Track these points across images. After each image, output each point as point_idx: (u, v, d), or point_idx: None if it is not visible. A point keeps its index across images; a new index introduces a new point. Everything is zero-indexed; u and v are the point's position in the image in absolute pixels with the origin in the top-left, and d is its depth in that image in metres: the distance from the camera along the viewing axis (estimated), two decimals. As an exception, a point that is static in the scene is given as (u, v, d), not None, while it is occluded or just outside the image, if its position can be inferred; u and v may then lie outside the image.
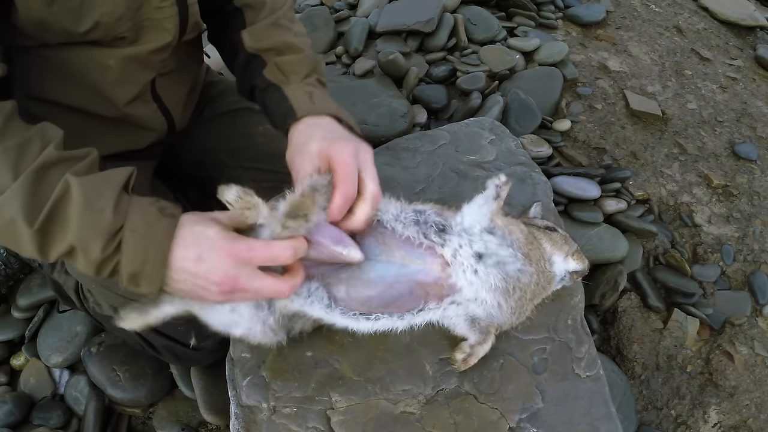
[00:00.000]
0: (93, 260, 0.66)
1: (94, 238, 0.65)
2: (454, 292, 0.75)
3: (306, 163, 0.76)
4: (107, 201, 0.66)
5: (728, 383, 1.24)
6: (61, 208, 0.65)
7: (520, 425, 0.74)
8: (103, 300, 1.01)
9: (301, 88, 0.87)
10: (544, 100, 1.65)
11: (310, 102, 0.85)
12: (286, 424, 0.74)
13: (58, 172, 0.66)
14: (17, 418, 1.15)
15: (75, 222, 0.65)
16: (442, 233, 0.75)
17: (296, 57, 0.91)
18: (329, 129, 0.81)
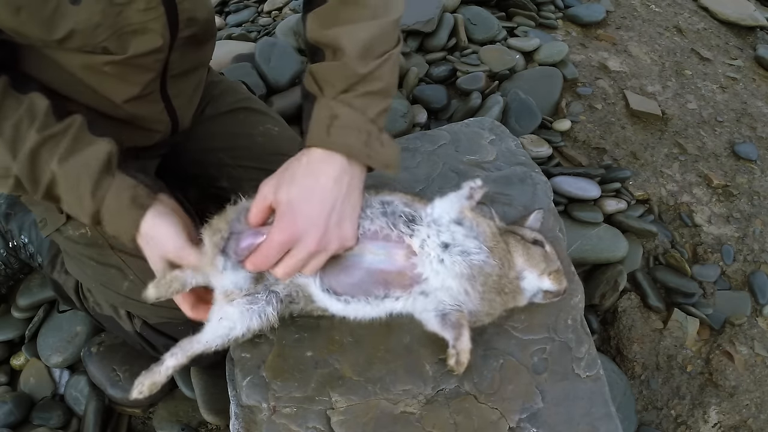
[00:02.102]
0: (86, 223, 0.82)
1: (80, 216, 0.79)
2: (419, 282, 0.75)
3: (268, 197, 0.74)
4: (85, 188, 0.76)
5: (728, 383, 1.24)
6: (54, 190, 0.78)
7: (520, 425, 0.74)
8: (102, 300, 1.01)
9: (329, 108, 0.74)
10: (544, 100, 1.65)
11: (325, 132, 0.73)
12: (286, 424, 0.74)
13: (46, 153, 0.75)
14: (17, 418, 1.14)
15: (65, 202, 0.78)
16: (411, 224, 0.76)
17: (337, 65, 0.75)
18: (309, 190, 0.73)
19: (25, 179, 0.76)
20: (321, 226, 0.71)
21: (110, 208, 0.77)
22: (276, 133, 1.14)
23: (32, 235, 1.20)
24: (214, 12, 2.03)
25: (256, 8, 2.08)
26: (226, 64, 1.69)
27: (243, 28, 1.92)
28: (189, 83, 0.97)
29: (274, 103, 1.55)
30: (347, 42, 0.74)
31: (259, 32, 1.90)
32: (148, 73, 0.85)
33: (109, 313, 1.02)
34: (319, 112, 0.74)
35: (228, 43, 1.81)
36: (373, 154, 0.74)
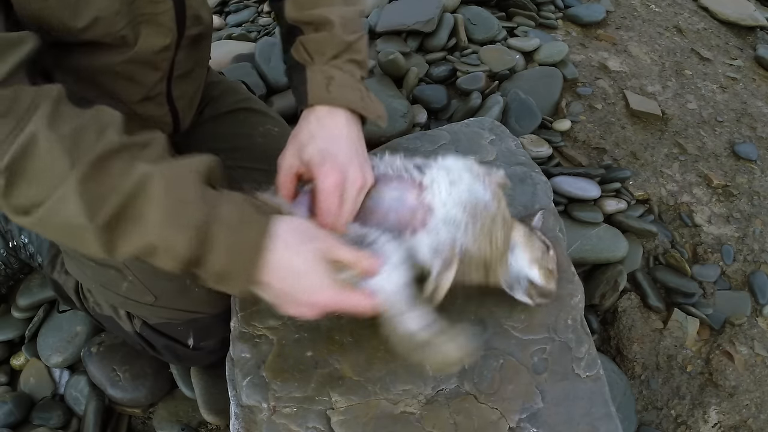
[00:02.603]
0: (177, 257, 0.60)
1: (180, 232, 0.58)
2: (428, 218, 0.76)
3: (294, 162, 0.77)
4: (192, 191, 0.60)
5: (728, 383, 1.24)
6: (134, 201, 0.58)
7: (520, 425, 0.74)
8: (102, 300, 1.01)
9: (322, 72, 0.81)
10: (544, 100, 1.65)
11: (325, 90, 0.79)
12: (286, 424, 0.74)
13: (123, 160, 0.59)
14: (17, 418, 1.14)
15: (154, 216, 0.58)
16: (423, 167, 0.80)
17: (325, 35, 0.82)
18: (331, 137, 0.77)
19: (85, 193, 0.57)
20: (355, 160, 0.77)
21: (230, 218, 0.61)
22: (276, 133, 1.14)
23: (32, 235, 1.20)
24: (214, 13, 2.03)
25: (256, 8, 2.08)
26: (226, 64, 1.69)
27: (243, 28, 1.92)
28: (191, 84, 0.97)
29: (274, 103, 1.55)
30: (333, 16, 0.82)
31: (259, 32, 1.90)
32: (156, 72, 0.85)
33: (108, 313, 1.02)
34: (314, 76, 0.80)
35: (228, 43, 1.81)
36: (368, 107, 0.81)
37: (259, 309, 0.85)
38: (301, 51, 0.83)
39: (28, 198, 0.58)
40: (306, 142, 0.77)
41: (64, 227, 0.59)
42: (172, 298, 0.94)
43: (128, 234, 0.59)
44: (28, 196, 0.58)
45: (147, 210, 0.58)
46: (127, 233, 0.59)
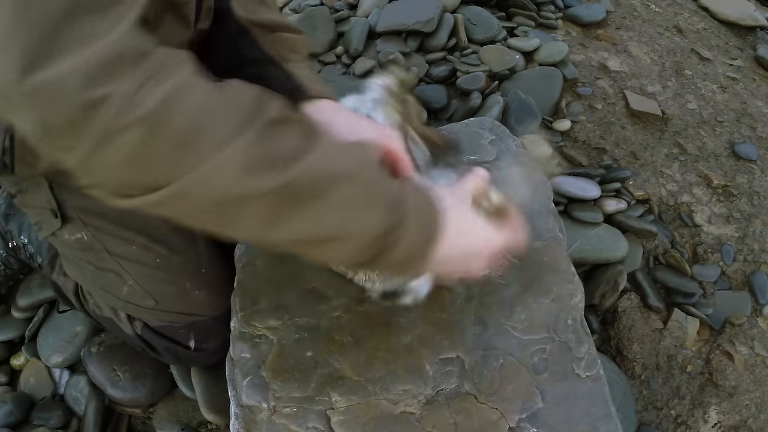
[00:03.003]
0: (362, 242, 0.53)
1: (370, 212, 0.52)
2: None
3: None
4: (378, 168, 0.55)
5: (728, 383, 1.24)
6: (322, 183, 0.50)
7: (520, 425, 0.74)
8: (103, 302, 1.01)
9: (306, 68, 0.82)
10: (544, 100, 1.64)
11: (320, 84, 0.79)
12: (286, 424, 0.74)
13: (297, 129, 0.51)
14: (17, 418, 1.14)
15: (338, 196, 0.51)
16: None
17: (296, 36, 0.85)
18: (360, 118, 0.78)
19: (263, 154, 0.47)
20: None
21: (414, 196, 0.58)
22: None
23: (32, 236, 1.20)
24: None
25: (256, 8, 2.08)
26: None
27: (243, 28, 1.92)
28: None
29: (274, 103, 1.55)
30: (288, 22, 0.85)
31: (259, 32, 1.90)
32: None
33: (109, 315, 1.01)
34: (301, 71, 0.80)
35: (228, 43, 1.81)
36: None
37: (259, 309, 0.85)
38: (278, 46, 0.82)
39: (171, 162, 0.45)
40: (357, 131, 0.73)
41: (216, 199, 0.47)
42: (172, 301, 0.94)
43: (304, 211, 0.50)
44: (172, 160, 0.45)
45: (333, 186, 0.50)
46: (302, 209, 0.50)
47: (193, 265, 0.94)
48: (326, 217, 0.51)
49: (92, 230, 0.90)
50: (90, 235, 0.91)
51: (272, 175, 0.47)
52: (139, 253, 0.91)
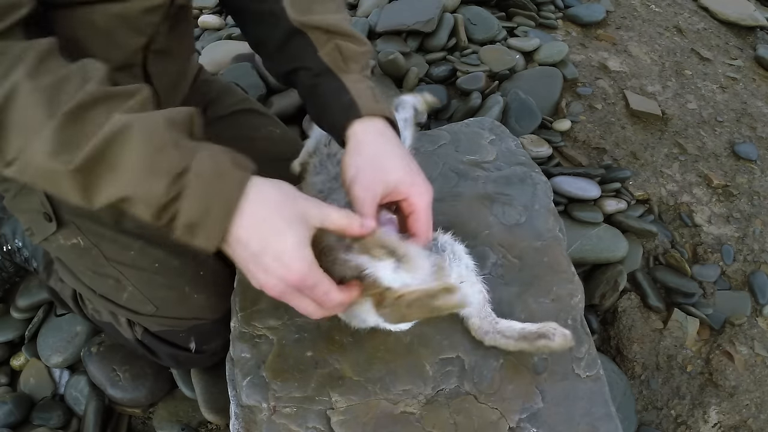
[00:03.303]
0: (152, 204, 0.59)
1: (155, 179, 0.58)
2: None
3: (379, 187, 0.72)
4: (168, 137, 0.59)
5: (728, 383, 1.24)
6: (110, 149, 0.57)
7: (520, 425, 0.74)
8: (102, 307, 1.00)
9: (362, 81, 0.79)
10: (544, 100, 1.64)
11: (373, 100, 0.77)
12: (286, 424, 0.74)
13: (103, 109, 0.59)
14: (17, 418, 1.14)
15: (129, 162, 0.58)
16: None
17: (356, 44, 0.81)
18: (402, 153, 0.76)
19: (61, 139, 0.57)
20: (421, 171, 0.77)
21: (203, 167, 0.59)
22: (277, 136, 1.13)
23: (26, 240, 1.19)
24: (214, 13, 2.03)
25: (256, 8, 2.07)
26: (226, 64, 1.69)
27: (243, 28, 1.92)
28: (171, 64, 0.92)
29: (273, 104, 1.55)
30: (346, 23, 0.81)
31: (259, 32, 1.90)
32: (138, 36, 0.80)
33: (108, 319, 1.01)
34: (356, 85, 0.78)
35: (228, 43, 1.81)
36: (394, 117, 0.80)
37: (259, 309, 0.85)
38: (336, 56, 0.80)
39: (12, 148, 0.58)
40: (386, 164, 0.73)
41: (43, 175, 0.59)
42: (172, 307, 0.93)
43: (104, 181, 0.59)
44: (11, 147, 0.58)
45: (122, 157, 0.58)
46: (102, 180, 0.59)
47: (191, 268, 0.94)
48: (120, 184, 0.59)
49: (89, 235, 0.90)
50: (86, 240, 0.90)
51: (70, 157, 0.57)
52: (137, 258, 0.91)
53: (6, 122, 0.58)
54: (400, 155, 0.75)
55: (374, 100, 0.78)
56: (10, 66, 0.58)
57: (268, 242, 0.61)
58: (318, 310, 0.66)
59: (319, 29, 0.80)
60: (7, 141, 0.58)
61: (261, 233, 0.61)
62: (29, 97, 0.57)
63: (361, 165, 0.73)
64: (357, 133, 0.76)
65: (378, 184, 0.71)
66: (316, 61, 0.81)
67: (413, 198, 0.72)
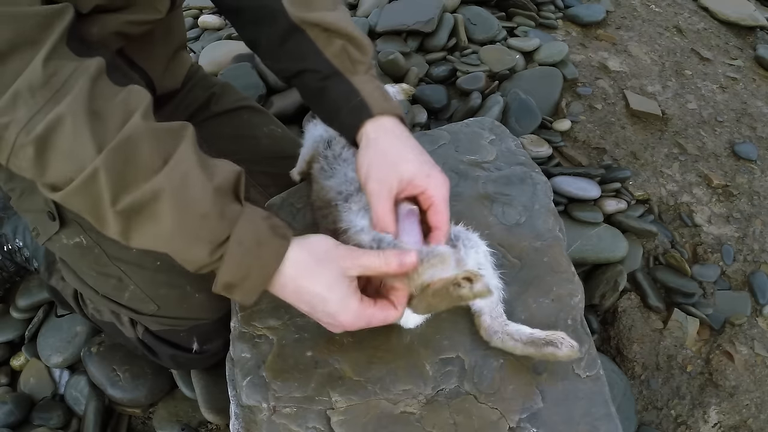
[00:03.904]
0: (193, 265, 0.64)
1: (197, 245, 0.62)
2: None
3: (394, 182, 0.72)
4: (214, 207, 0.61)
5: (728, 383, 1.24)
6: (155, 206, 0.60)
7: (520, 425, 0.74)
8: (103, 306, 1.00)
9: (371, 81, 0.80)
10: (544, 100, 1.65)
11: (383, 99, 0.78)
12: (286, 424, 0.74)
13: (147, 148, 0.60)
14: (17, 418, 1.15)
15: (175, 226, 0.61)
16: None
17: (360, 44, 0.81)
18: (414, 146, 0.76)
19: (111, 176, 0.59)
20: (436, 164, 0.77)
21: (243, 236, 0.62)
22: (279, 134, 1.13)
23: (27, 240, 1.19)
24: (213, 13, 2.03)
25: (256, 8, 2.07)
26: (226, 64, 1.69)
27: (243, 28, 1.92)
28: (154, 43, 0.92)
29: (274, 103, 1.55)
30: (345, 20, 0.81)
31: (259, 32, 1.90)
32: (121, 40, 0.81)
33: (109, 319, 1.01)
34: (365, 86, 0.78)
35: (228, 43, 1.81)
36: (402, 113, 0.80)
37: (259, 309, 0.85)
38: (344, 58, 0.80)
39: (57, 173, 0.60)
40: (399, 159, 0.73)
41: (88, 206, 0.61)
42: (173, 306, 0.93)
43: (144, 230, 0.62)
44: (57, 172, 0.60)
45: (167, 217, 0.60)
46: (143, 228, 0.62)
47: None
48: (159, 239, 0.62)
49: (91, 234, 0.90)
50: (89, 239, 0.90)
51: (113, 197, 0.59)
52: (140, 257, 0.91)
53: (53, 146, 0.59)
54: (413, 148, 0.75)
55: (384, 100, 0.78)
56: (61, 87, 0.59)
57: (314, 307, 0.67)
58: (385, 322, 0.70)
59: (319, 26, 0.80)
60: (49, 165, 0.60)
61: (305, 299, 0.67)
62: (76, 128, 0.58)
63: (374, 161, 0.74)
64: (369, 132, 0.77)
65: (392, 178, 0.72)
66: (322, 62, 0.80)
67: (430, 190, 0.73)
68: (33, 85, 0.58)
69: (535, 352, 0.75)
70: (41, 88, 0.58)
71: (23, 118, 0.58)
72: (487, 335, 0.78)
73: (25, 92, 0.58)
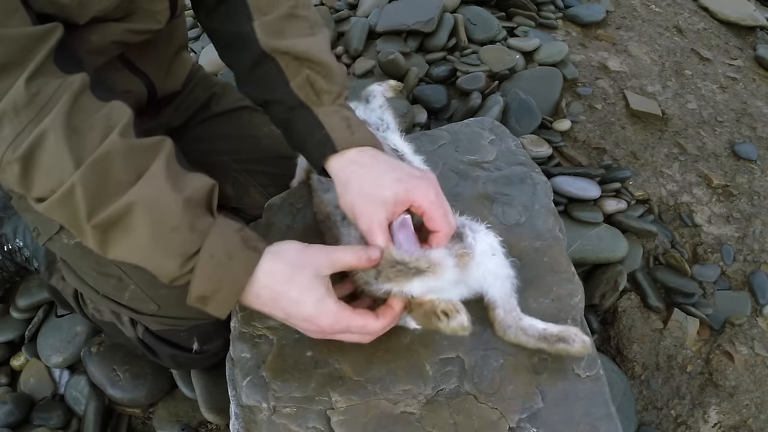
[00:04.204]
0: (165, 277, 0.66)
1: (168, 258, 0.63)
2: None
3: (380, 211, 0.72)
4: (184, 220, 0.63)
5: (728, 383, 1.24)
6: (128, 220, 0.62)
7: (520, 425, 0.74)
8: (104, 306, 1.00)
9: (337, 113, 0.78)
10: (544, 100, 1.65)
11: (348, 132, 0.76)
12: (286, 424, 0.74)
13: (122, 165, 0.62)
14: (17, 418, 1.15)
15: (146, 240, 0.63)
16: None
17: (328, 72, 0.79)
18: (389, 165, 0.75)
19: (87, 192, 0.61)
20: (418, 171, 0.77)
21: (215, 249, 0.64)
22: (279, 134, 1.13)
23: (27, 239, 1.19)
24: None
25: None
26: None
27: (243, 28, 1.91)
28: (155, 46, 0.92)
29: (274, 103, 1.55)
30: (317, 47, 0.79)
31: (259, 32, 1.90)
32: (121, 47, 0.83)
33: (110, 318, 1.01)
34: (330, 119, 0.77)
35: (228, 43, 1.81)
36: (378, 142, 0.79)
37: (259, 309, 0.85)
38: (308, 89, 0.78)
39: (41, 187, 0.63)
40: (376, 189, 0.72)
41: (67, 219, 0.64)
42: (173, 305, 0.93)
43: (119, 243, 0.64)
44: (40, 186, 0.63)
45: (138, 231, 0.63)
46: (118, 242, 0.64)
47: None
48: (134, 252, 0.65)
49: None
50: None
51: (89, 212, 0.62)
52: None
53: (36, 163, 0.61)
54: (384, 172, 0.74)
55: (349, 132, 0.76)
56: (45, 105, 0.61)
57: (290, 312, 0.68)
58: (365, 338, 0.72)
59: (289, 54, 0.78)
60: (34, 180, 0.63)
61: (280, 305, 0.68)
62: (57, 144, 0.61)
63: (354, 201, 0.73)
64: (335, 171, 0.76)
65: (377, 210, 0.72)
66: (287, 93, 0.79)
67: (416, 201, 0.72)
68: (17, 105, 0.60)
69: (548, 347, 0.76)
70: (25, 108, 0.61)
71: (9, 136, 0.61)
72: (501, 329, 0.79)
73: (10, 112, 0.60)
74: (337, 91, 0.79)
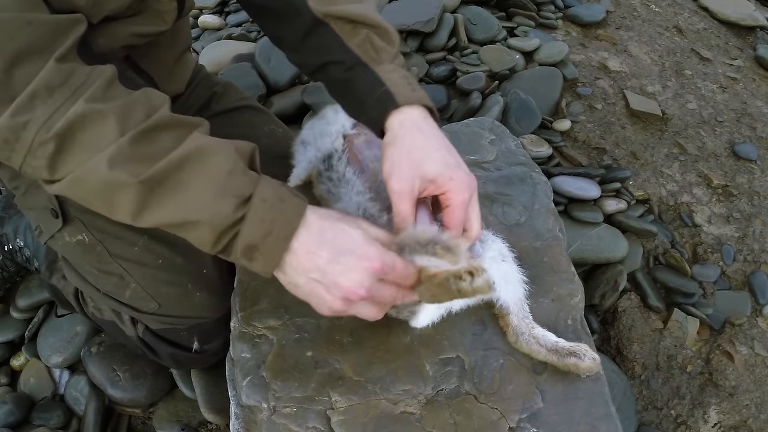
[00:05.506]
0: (217, 226, 0.62)
1: (223, 201, 0.61)
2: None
3: (416, 180, 0.71)
4: (237, 164, 0.62)
5: (728, 383, 1.24)
6: (184, 168, 0.61)
7: (520, 425, 0.74)
8: (104, 305, 1.00)
9: (395, 71, 0.77)
10: (544, 100, 1.65)
11: (409, 88, 0.76)
12: (286, 424, 0.74)
13: (173, 134, 0.62)
14: (17, 418, 1.14)
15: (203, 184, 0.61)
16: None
17: (385, 34, 0.80)
18: (440, 144, 0.74)
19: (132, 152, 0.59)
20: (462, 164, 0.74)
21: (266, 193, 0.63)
22: (280, 134, 1.13)
23: (27, 239, 1.19)
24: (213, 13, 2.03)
25: (256, 8, 2.07)
26: (226, 64, 1.70)
27: (243, 28, 1.92)
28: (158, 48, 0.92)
29: (274, 103, 1.55)
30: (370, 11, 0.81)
31: (259, 32, 1.90)
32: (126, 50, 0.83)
33: (110, 317, 1.01)
34: (390, 75, 0.76)
35: (228, 43, 1.81)
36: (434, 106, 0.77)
37: (259, 309, 0.85)
38: (368, 48, 0.78)
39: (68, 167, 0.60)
40: (424, 158, 0.72)
41: (99, 186, 0.61)
42: (174, 304, 0.93)
43: (167, 199, 0.62)
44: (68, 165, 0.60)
45: (194, 177, 0.61)
46: (166, 198, 0.61)
47: (194, 266, 0.94)
48: (185, 206, 0.62)
49: (94, 232, 0.90)
50: (91, 236, 0.91)
51: (140, 169, 0.59)
52: (141, 254, 0.91)
53: (75, 140, 0.59)
54: (438, 147, 0.73)
55: (411, 89, 0.76)
56: (80, 86, 0.60)
57: (337, 245, 0.64)
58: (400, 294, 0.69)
59: (343, 19, 0.79)
60: (66, 160, 0.60)
61: (329, 240, 0.65)
62: (101, 117, 0.59)
63: (397, 159, 0.72)
64: (394, 125, 0.75)
65: (415, 178, 0.71)
66: (346, 53, 0.79)
67: (451, 193, 0.72)
68: (51, 85, 0.59)
69: (558, 360, 0.77)
70: (60, 87, 0.59)
71: (41, 116, 0.59)
72: (513, 335, 0.79)
73: (42, 92, 0.59)
74: (394, 51, 0.80)
